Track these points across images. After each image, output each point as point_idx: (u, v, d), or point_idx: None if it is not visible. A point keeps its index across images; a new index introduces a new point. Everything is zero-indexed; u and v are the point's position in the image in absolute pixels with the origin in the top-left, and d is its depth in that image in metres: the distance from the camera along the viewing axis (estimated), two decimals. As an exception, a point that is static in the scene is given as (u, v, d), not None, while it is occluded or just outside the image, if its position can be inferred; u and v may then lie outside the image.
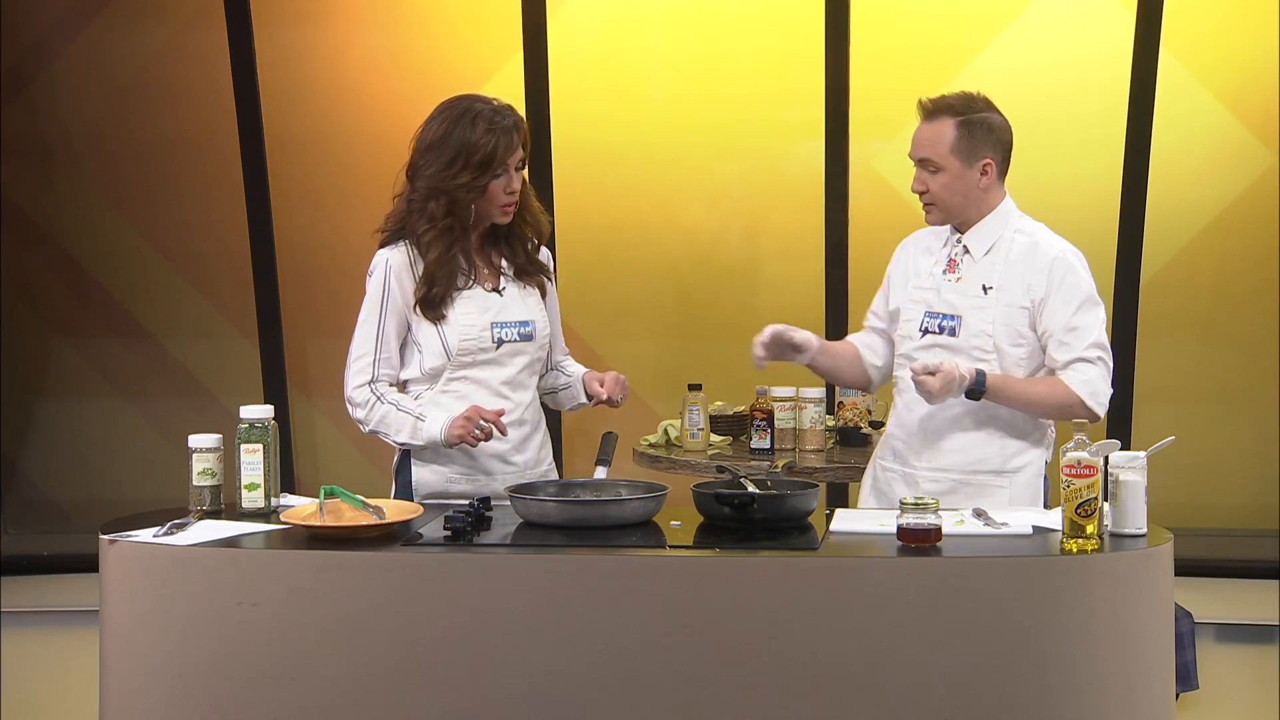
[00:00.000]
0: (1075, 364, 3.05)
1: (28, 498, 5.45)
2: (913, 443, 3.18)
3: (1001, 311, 3.10)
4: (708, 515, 2.82)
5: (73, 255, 5.39)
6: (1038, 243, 3.12)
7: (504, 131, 3.05)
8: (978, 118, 3.12)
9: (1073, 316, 3.06)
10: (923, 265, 3.23)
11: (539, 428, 3.23)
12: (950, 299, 3.14)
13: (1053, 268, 3.08)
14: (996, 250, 3.14)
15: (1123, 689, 2.51)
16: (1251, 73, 4.86)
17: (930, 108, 3.15)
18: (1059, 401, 3.05)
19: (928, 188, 3.13)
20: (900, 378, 3.21)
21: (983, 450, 3.13)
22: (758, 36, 5.09)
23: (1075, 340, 3.05)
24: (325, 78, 5.22)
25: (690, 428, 4.20)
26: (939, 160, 3.10)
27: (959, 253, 3.17)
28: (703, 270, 5.20)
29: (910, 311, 3.21)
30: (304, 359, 5.29)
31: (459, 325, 3.10)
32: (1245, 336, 5.00)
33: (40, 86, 5.31)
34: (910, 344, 3.19)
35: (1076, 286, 3.07)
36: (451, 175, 3.04)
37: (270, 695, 2.58)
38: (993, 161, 3.12)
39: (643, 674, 2.52)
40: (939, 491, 3.09)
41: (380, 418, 3.09)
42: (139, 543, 2.68)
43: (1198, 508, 4.95)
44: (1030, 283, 3.08)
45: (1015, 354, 3.10)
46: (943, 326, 3.14)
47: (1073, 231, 5.14)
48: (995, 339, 3.09)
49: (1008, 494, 3.13)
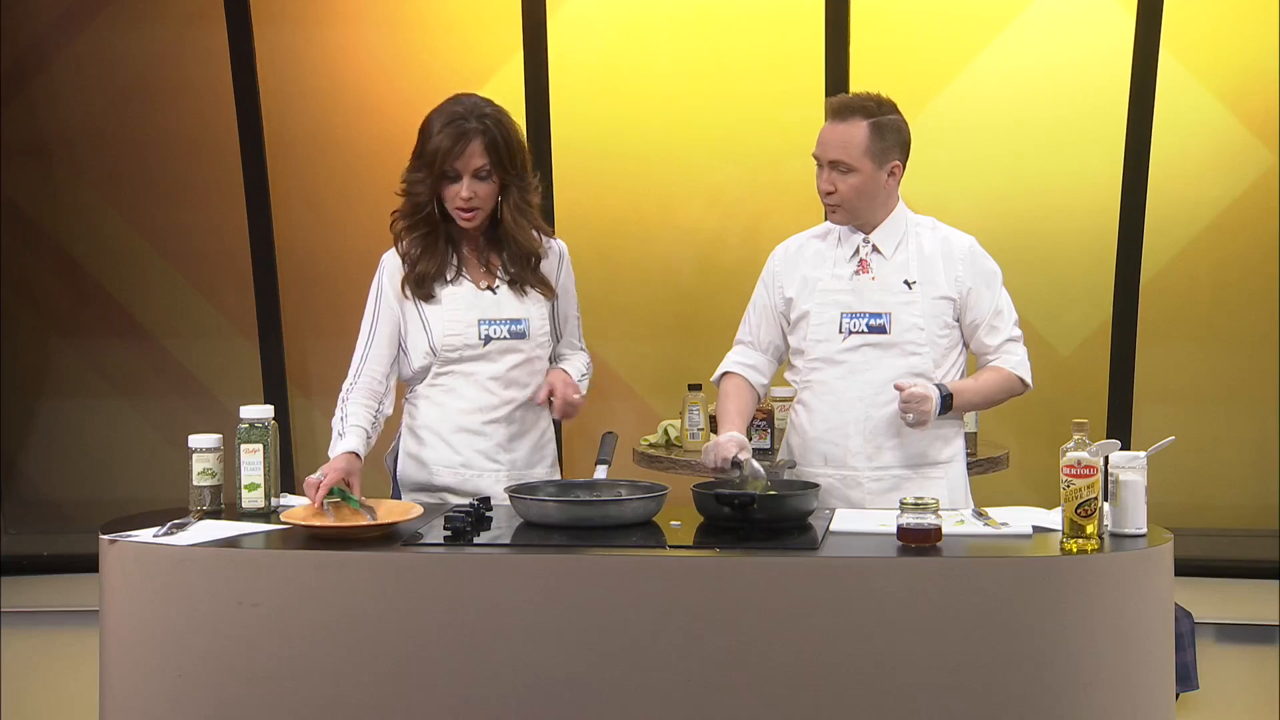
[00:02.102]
0: (1006, 345, 3.20)
1: (28, 498, 5.45)
2: (849, 444, 3.16)
3: (929, 305, 3.14)
4: (708, 515, 2.83)
5: (73, 255, 5.39)
6: (947, 236, 3.21)
7: (459, 135, 3.00)
8: (887, 120, 3.12)
9: (996, 300, 3.19)
10: (820, 270, 3.21)
11: (534, 429, 3.19)
12: (875, 297, 3.15)
13: (971, 258, 3.19)
14: (905, 246, 3.18)
15: (1123, 689, 2.52)
16: (1251, 73, 4.86)
17: (841, 108, 3.13)
18: (1007, 388, 3.21)
19: (836, 188, 3.13)
20: (818, 382, 3.18)
21: (919, 444, 3.16)
22: (758, 36, 5.09)
23: (1002, 322, 3.19)
24: (325, 78, 5.22)
25: (690, 428, 4.20)
26: (852, 162, 3.10)
27: (868, 252, 3.17)
28: (703, 270, 5.20)
29: (822, 315, 3.18)
30: (304, 359, 5.29)
31: (444, 320, 3.09)
32: (1245, 336, 5.00)
33: (40, 86, 5.31)
34: (829, 346, 3.17)
35: (993, 272, 3.21)
36: (413, 168, 3.07)
37: (270, 695, 2.58)
38: (900, 164, 3.15)
39: (643, 674, 2.52)
40: (881, 490, 3.12)
41: (336, 420, 3.08)
42: (139, 543, 2.68)
43: (1198, 508, 4.95)
44: (956, 275, 3.16)
45: (942, 344, 3.16)
46: (871, 325, 3.14)
47: (1073, 231, 5.17)
48: (926, 331, 3.13)
49: (945, 484, 3.17)
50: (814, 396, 3.20)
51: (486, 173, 3.04)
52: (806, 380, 3.22)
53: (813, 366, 3.20)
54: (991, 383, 3.19)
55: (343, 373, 3.18)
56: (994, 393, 3.21)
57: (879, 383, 3.12)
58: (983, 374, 3.21)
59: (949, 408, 3.09)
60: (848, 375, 3.15)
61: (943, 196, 4.75)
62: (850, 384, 3.15)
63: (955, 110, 4.93)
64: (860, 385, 3.14)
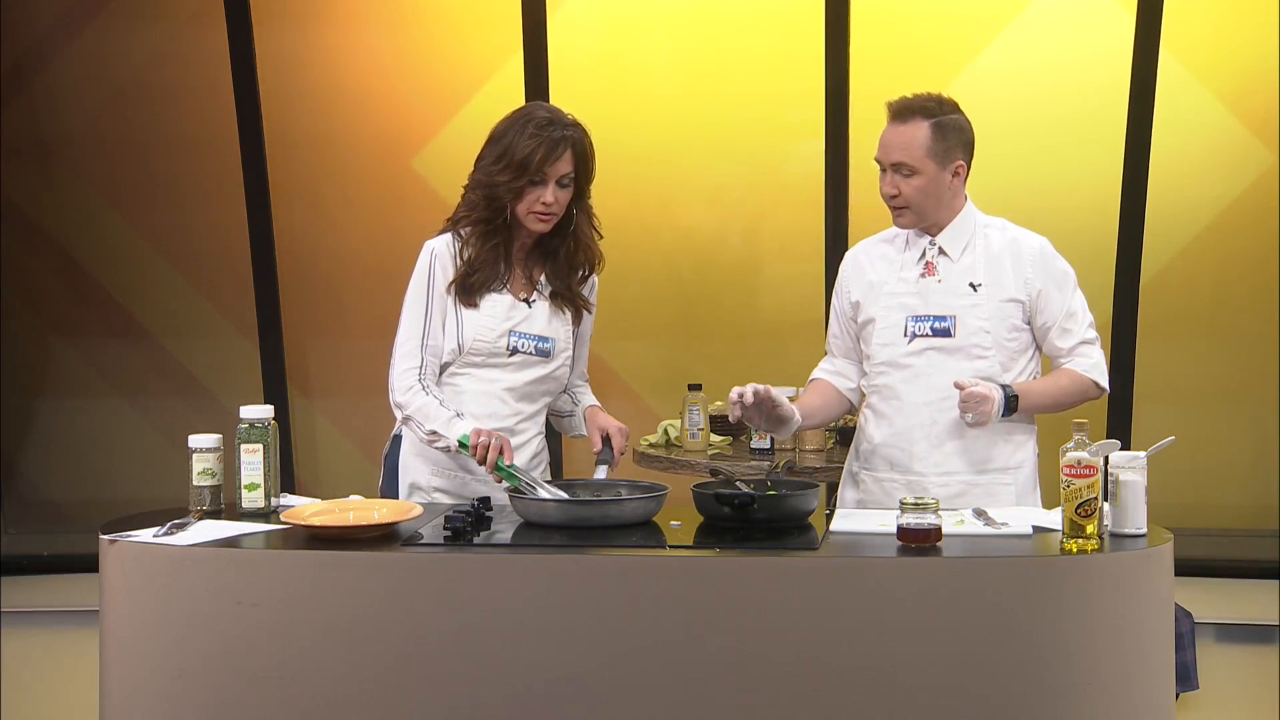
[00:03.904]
0: (1079, 348, 3.15)
1: (28, 498, 5.45)
2: (915, 450, 3.14)
3: (996, 307, 3.11)
4: (708, 515, 2.82)
5: (73, 255, 5.39)
6: (1016, 237, 3.17)
7: (550, 141, 3.06)
8: (949, 119, 3.11)
9: (1068, 302, 3.15)
10: (887, 274, 3.20)
11: (532, 443, 3.21)
12: (940, 300, 3.13)
13: (1042, 259, 3.15)
14: (972, 248, 3.15)
15: (1123, 689, 2.51)
16: (1251, 73, 4.86)
17: (902, 109, 3.11)
18: (1079, 390, 3.15)
19: (900, 191, 3.11)
20: (884, 386, 3.18)
21: (988, 449, 3.13)
22: (758, 36, 5.09)
23: (1075, 324, 3.14)
24: (325, 78, 5.22)
25: (690, 428, 4.20)
26: (914, 163, 3.08)
27: (934, 255, 3.16)
28: (703, 270, 5.20)
29: (888, 319, 3.17)
30: (304, 359, 5.29)
31: (477, 325, 3.11)
32: (1245, 336, 5.00)
33: (40, 86, 5.31)
34: (894, 350, 3.16)
35: (1065, 274, 3.17)
36: (495, 171, 3.08)
37: (270, 695, 2.58)
38: (964, 163, 3.13)
39: (643, 674, 2.52)
40: (949, 495, 3.07)
41: (419, 407, 3.06)
42: (139, 543, 2.68)
43: (1198, 508, 4.95)
44: (1026, 276, 3.12)
45: (1011, 347, 3.12)
46: (935, 329, 3.12)
47: (1073, 231, 5.15)
48: (992, 334, 3.10)
49: (1014, 490, 3.14)
50: (881, 401, 3.19)
51: (569, 180, 3.10)
52: (874, 385, 3.20)
53: (879, 371, 3.18)
54: (1061, 385, 3.14)
55: (343, 372, 3.18)
56: (1064, 395, 3.14)
57: (944, 387, 3.08)
58: (1053, 376, 3.17)
59: (1013, 409, 3.06)
60: (912, 379, 3.13)
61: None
62: (915, 388, 3.12)
63: (955, 110, 4.93)
64: (925, 389, 3.11)
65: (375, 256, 5.13)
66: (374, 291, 5.05)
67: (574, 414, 3.29)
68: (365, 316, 5.20)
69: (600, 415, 3.23)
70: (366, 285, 5.21)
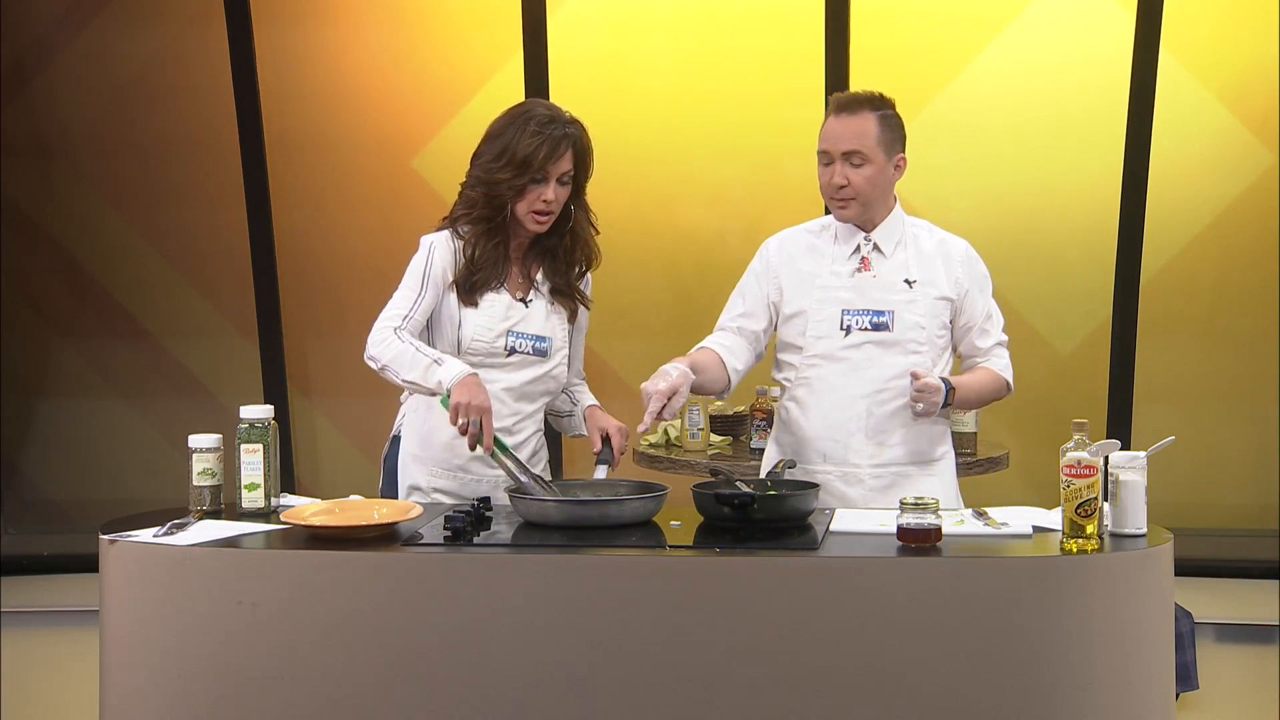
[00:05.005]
0: (995, 348, 3.25)
1: (28, 498, 5.45)
2: (851, 442, 3.15)
3: (930, 304, 3.16)
4: (708, 515, 2.82)
5: (73, 255, 5.39)
6: (944, 239, 3.23)
7: (552, 140, 3.06)
8: (892, 115, 3.14)
9: (988, 304, 3.24)
10: (817, 266, 3.20)
11: (532, 443, 3.21)
12: (877, 295, 3.15)
13: (969, 261, 3.21)
14: (904, 246, 3.19)
15: (1123, 689, 2.51)
16: (1251, 73, 4.86)
17: (849, 102, 3.13)
18: (997, 389, 3.25)
19: (849, 181, 3.11)
20: (817, 379, 3.17)
21: (917, 442, 3.17)
22: (758, 36, 5.10)
23: (993, 326, 3.25)
24: (325, 78, 5.22)
25: (690, 428, 4.20)
26: (867, 152, 3.09)
27: (869, 250, 3.17)
28: (703, 270, 5.20)
29: (821, 312, 3.17)
30: (304, 359, 5.29)
31: (476, 325, 3.11)
32: (1245, 336, 5.00)
33: (40, 86, 5.31)
34: (830, 344, 3.16)
35: (985, 277, 3.25)
36: (496, 169, 3.08)
37: (270, 695, 2.58)
38: (903, 158, 3.16)
39: (643, 674, 2.51)
40: (881, 486, 3.13)
41: (395, 355, 3.00)
42: (139, 543, 2.68)
43: (1198, 508, 4.95)
44: (956, 276, 3.18)
45: (939, 344, 3.18)
46: (874, 323, 3.14)
47: (1073, 231, 5.17)
48: (926, 330, 3.14)
49: (938, 481, 3.18)
50: (811, 394, 3.19)
51: (569, 179, 3.11)
52: (804, 377, 3.20)
53: (810, 363, 3.18)
54: (984, 382, 3.23)
55: (343, 372, 3.18)
56: (985, 392, 3.24)
57: (881, 379, 3.13)
58: (976, 373, 3.24)
59: (948, 403, 3.11)
60: (850, 372, 3.14)
61: (943, 196, 4.76)
62: (852, 380, 3.14)
63: (955, 110, 4.93)
64: (861, 382, 3.14)
65: (375, 256, 5.12)
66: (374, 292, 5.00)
67: (573, 414, 3.29)
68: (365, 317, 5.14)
69: (600, 415, 3.23)
70: (366, 285, 5.18)
